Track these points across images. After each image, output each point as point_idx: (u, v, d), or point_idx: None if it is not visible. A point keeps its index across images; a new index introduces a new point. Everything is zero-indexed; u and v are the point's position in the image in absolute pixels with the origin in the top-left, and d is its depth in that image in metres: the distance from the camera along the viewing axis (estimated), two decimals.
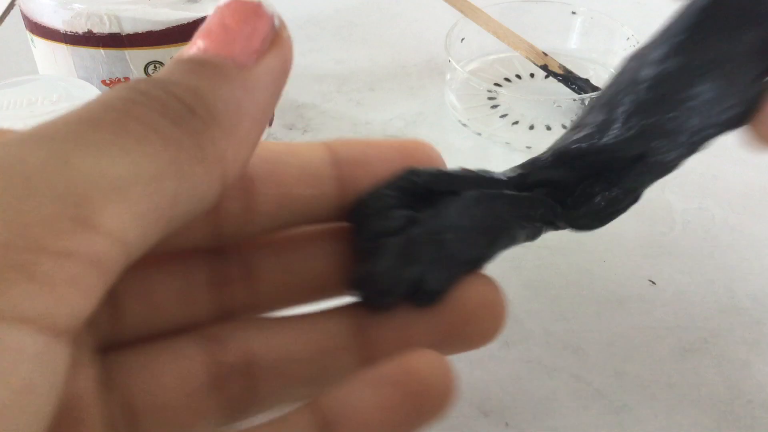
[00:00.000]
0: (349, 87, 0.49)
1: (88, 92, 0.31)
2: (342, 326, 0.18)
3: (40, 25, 0.36)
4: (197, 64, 0.15)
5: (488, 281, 0.18)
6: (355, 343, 0.18)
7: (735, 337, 0.33)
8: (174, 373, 0.17)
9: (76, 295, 0.12)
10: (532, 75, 0.49)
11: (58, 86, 0.31)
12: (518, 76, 0.49)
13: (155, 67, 0.36)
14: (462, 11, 0.47)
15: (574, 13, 0.50)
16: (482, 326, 0.18)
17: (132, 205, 0.13)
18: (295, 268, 0.19)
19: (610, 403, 0.30)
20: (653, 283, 0.35)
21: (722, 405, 0.30)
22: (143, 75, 0.36)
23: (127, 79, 0.36)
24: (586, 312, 0.34)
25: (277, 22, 0.16)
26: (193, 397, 0.17)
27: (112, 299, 0.17)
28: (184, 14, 0.35)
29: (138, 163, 0.13)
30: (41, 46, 0.37)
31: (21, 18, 0.37)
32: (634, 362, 0.32)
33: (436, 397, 0.16)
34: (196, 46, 0.15)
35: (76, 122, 0.13)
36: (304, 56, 0.52)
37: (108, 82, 0.36)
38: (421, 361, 0.16)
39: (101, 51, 0.35)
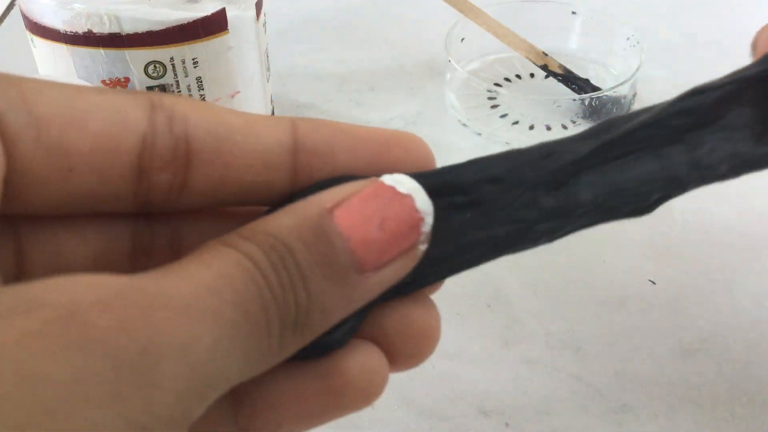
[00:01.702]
0: (349, 87, 0.49)
1: None
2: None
3: (40, 25, 0.36)
4: (331, 251, 0.14)
5: (427, 302, 0.17)
6: None
7: (735, 337, 0.33)
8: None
9: None
10: (532, 75, 0.49)
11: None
12: (518, 76, 0.49)
13: (155, 67, 0.36)
14: (462, 11, 0.47)
15: (574, 13, 0.50)
16: (412, 351, 0.17)
17: (216, 397, 0.13)
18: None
19: (610, 403, 0.30)
20: (653, 283, 0.35)
21: (722, 405, 0.30)
22: (143, 75, 0.35)
23: (127, 79, 0.36)
24: (586, 312, 0.34)
25: (423, 238, 0.15)
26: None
27: (18, 260, 0.16)
28: (184, 14, 0.35)
29: (246, 361, 0.13)
30: (41, 46, 0.37)
31: (21, 18, 0.37)
32: (634, 362, 0.32)
33: (359, 394, 0.16)
34: (344, 218, 0.14)
35: (234, 306, 0.13)
36: (304, 56, 0.52)
37: (108, 82, 0.36)
38: (350, 354, 0.16)
39: (101, 51, 0.35)
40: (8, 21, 0.55)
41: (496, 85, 0.48)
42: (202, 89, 0.37)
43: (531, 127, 0.44)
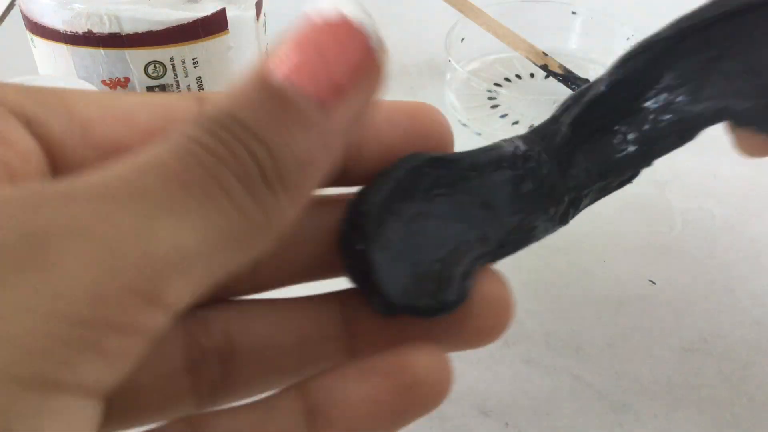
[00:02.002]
0: None
1: None
2: (330, 314, 0.17)
3: (40, 25, 0.36)
4: (278, 102, 0.13)
5: (496, 276, 0.17)
6: (343, 334, 0.17)
7: (735, 337, 0.33)
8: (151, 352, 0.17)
9: (128, 364, 0.12)
10: (532, 75, 0.49)
11: (59, 86, 0.31)
12: (518, 76, 0.49)
13: (155, 67, 0.36)
14: (462, 11, 0.47)
15: (574, 13, 0.50)
16: (487, 324, 0.17)
17: (196, 279, 0.12)
18: (289, 245, 0.17)
19: (610, 403, 0.30)
20: (653, 283, 0.35)
21: (722, 405, 0.30)
22: (143, 75, 0.35)
23: (127, 79, 0.36)
24: (586, 312, 0.34)
25: (375, 45, 0.14)
26: (169, 379, 0.16)
27: None
28: (184, 14, 0.35)
29: (210, 234, 0.12)
30: (41, 46, 0.37)
31: (21, 18, 0.37)
32: (634, 362, 0.32)
33: (428, 393, 0.16)
34: (282, 67, 0.13)
35: (165, 180, 0.12)
36: None
37: (108, 82, 0.36)
38: (416, 354, 0.16)
39: (101, 51, 0.35)
40: (8, 21, 0.55)
41: (496, 85, 0.48)
42: (202, 89, 0.37)
43: (531, 127, 0.44)
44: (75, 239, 0.11)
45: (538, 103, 0.45)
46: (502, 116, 0.45)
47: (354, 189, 0.17)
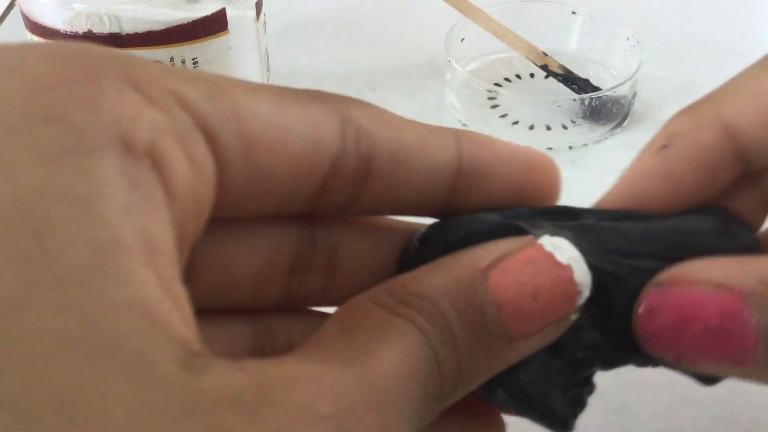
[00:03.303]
0: (349, 87, 0.49)
1: None
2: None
3: (40, 25, 0.36)
4: (482, 323, 0.14)
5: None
6: None
7: None
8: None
9: None
10: (532, 75, 0.49)
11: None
12: (518, 76, 0.49)
13: None
14: (462, 11, 0.47)
15: (574, 13, 0.50)
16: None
17: None
18: (378, 258, 0.18)
19: (610, 403, 0.30)
20: None
21: (722, 405, 0.30)
22: None
23: None
24: None
25: (576, 308, 0.15)
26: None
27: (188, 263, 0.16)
28: (184, 14, 0.35)
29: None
30: None
31: (21, 18, 0.37)
32: None
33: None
34: (499, 295, 0.14)
35: (411, 394, 0.13)
36: (304, 56, 0.52)
37: None
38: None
39: None
40: (8, 21, 0.55)
41: (496, 85, 0.48)
42: None
43: (531, 127, 0.44)
44: None
45: (538, 103, 0.45)
46: (502, 116, 0.45)
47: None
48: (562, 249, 0.14)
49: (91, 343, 0.09)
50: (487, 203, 0.17)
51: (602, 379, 0.31)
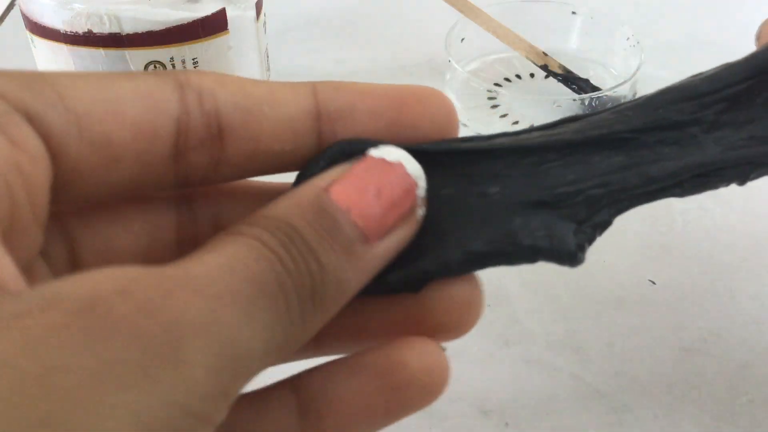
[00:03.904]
0: None
1: None
2: None
3: (40, 25, 0.36)
4: (334, 227, 0.14)
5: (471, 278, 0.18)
6: None
7: (735, 337, 0.33)
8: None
9: None
10: (532, 75, 0.49)
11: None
12: (518, 76, 0.49)
13: (155, 67, 0.36)
14: (462, 11, 0.47)
15: (574, 13, 0.50)
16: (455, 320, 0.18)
17: (250, 379, 0.13)
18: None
19: (610, 403, 0.30)
20: (653, 283, 0.35)
21: (722, 405, 0.30)
22: None
23: None
24: (586, 312, 0.34)
25: (419, 201, 0.16)
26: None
27: (70, 257, 0.17)
28: (184, 14, 0.35)
29: (270, 339, 0.13)
30: (41, 46, 0.37)
31: (21, 18, 0.37)
32: (634, 362, 0.32)
33: (422, 391, 0.16)
34: (342, 197, 0.15)
35: (250, 284, 0.13)
36: (304, 56, 0.52)
37: None
38: (410, 350, 0.16)
39: (101, 51, 0.35)
40: (8, 21, 0.55)
41: (496, 85, 0.48)
42: None
43: (531, 127, 0.44)
44: (200, 337, 0.12)
45: (538, 103, 0.45)
46: (502, 116, 0.45)
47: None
48: (389, 152, 0.16)
49: None
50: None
51: (602, 379, 0.31)
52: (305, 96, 0.17)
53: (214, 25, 0.36)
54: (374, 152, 0.16)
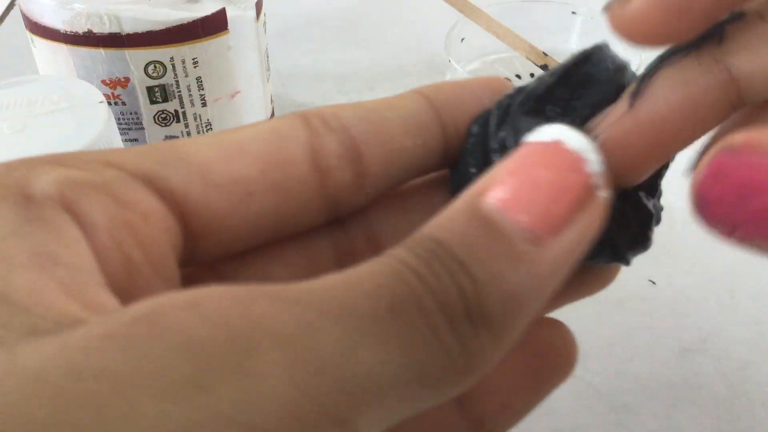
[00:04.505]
0: (349, 87, 0.49)
1: (89, 92, 0.31)
2: None
3: (40, 25, 0.36)
4: (489, 231, 0.13)
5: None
6: None
7: (735, 337, 0.33)
8: None
9: None
10: (532, 75, 0.49)
11: (58, 86, 0.31)
12: (518, 76, 0.49)
13: (155, 67, 0.36)
14: (462, 11, 0.47)
15: (574, 13, 0.50)
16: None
17: (387, 410, 0.12)
18: (416, 224, 0.17)
19: (610, 403, 0.30)
20: (653, 283, 0.35)
21: (722, 405, 0.30)
22: (143, 75, 0.35)
23: (127, 79, 0.36)
24: (586, 312, 0.34)
25: (596, 178, 0.13)
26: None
27: None
28: (184, 14, 0.35)
29: (408, 365, 0.12)
30: (41, 46, 0.37)
31: (21, 18, 0.37)
32: (634, 362, 0.32)
33: (563, 363, 0.18)
34: (495, 195, 0.13)
35: (373, 300, 0.12)
36: (304, 56, 0.52)
37: (108, 82, 0.36)
38: (548, 328, 0.17)
39: (101, 51, 0.35)
40: (8, 21, 0.55)
41: None
42: (202, 89, 0.37)
43: None
44: (280, 348, 0.11)
45: None
46: None
47: None
48: (542, 132, 0.14)
49: None
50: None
51: (602, 379, 0.31)
52: (413, 97, 0.17)
53: (214, 25, 0.36)
54: (527, 139, 0.14)
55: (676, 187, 0.41)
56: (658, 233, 0.18)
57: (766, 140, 0.13)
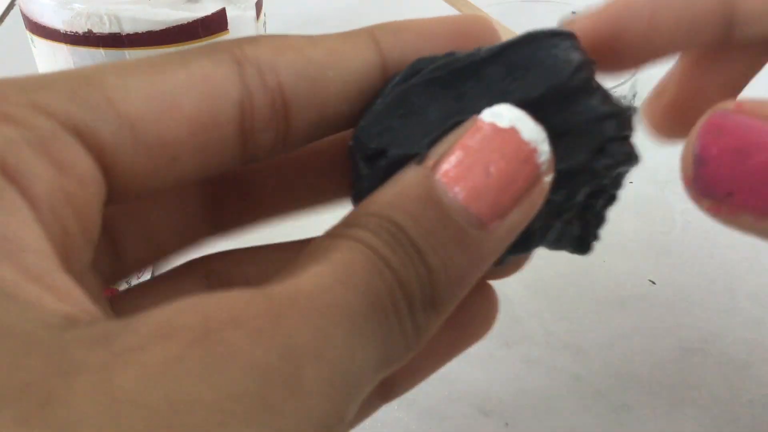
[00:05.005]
0: None
1: None
2: None
3: (40, 25, 0.36)
4: (440, 216, 0.13)
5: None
6: None
7: (735, 337, 0.33)
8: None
9: None
10: None
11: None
12: None
13: None
14: (462, 11, 0.47)
15: (574, 13, 0.50)
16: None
17: (360, 400, 0.12)
18: (292, 174, 0.17)
19: (610, 403, 0.30)
20: (653, 283, 0.35)
21: (722, 405, 0.30)
22: None
23: None
24: (586, 312, 0.34)
25: (543, 168, 0.14)
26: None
27: (112, 240, 0.16)
28: (184, 14, 0.35)
29: (382, 355, 0.12)
30: (41, 46, 0.37)
31: (21, 18, 0.37)
32: (634, 362, 0.32)
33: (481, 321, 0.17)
34: (450, 184, 0.13)
35: (359, 297, 0.12)
36: None
37: None
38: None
39: (101, 51, 0.35)
40: (8, 21, 0.55)
41: None
42: None
43: None
44: (314, 363, 0.11)
45: None
46: None
47: None
48: (501, 114, 0.14)
49: None
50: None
51: (602, 379, 0.31)
52: (367, 48, 0.16)
53: (214, 25, 0.36)
54: (484, 115, 0.14)
55: (677, 187, 0.41)
56: (658, 233, 0.18)
57: (757, 105, 0.13)
